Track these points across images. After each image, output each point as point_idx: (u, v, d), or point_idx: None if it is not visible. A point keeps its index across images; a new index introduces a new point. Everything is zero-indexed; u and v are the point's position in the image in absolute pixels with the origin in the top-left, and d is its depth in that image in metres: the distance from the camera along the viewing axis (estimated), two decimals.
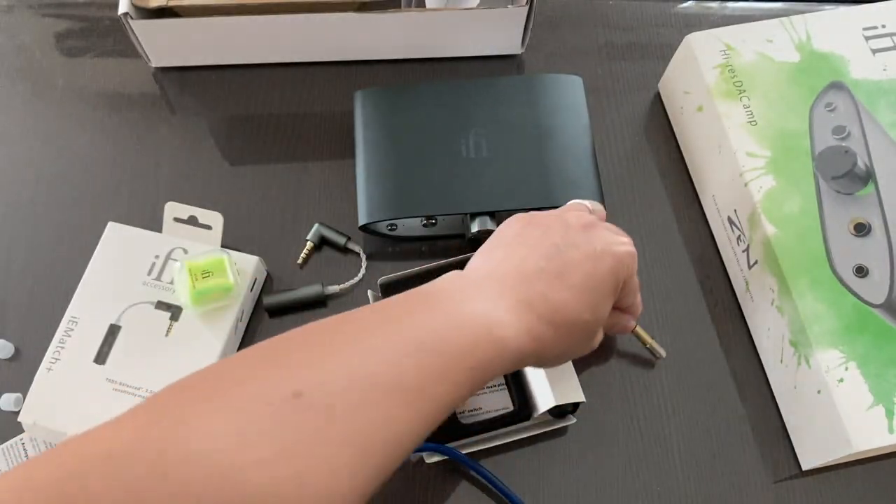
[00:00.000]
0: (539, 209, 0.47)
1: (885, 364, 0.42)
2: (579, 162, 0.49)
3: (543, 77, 0.52)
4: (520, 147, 0.49)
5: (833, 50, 0.51)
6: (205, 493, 0.23)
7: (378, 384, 0.28)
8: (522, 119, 0.50)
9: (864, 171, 0.47)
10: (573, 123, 0.51)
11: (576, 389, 0.44)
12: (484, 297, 0.34)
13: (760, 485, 0.45)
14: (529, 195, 0.48)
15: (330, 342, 0.30)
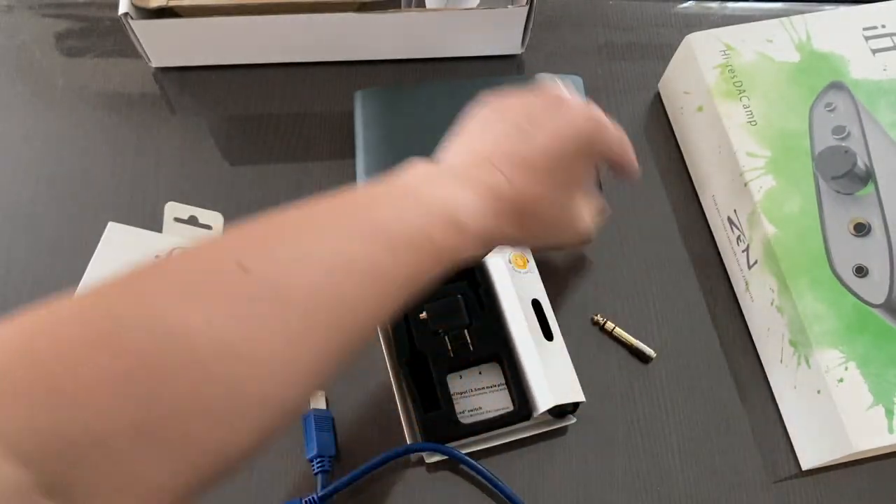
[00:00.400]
0: None
1: (884, 364, 0.42)
2: None
3: (543, 77, 0.52)
4: None
5: (833, 50, 0.51)
6: (155, 354, 0.23)
7: (338, 265, 0.28)
8: None
9: (863, 171, 0.47)
10: None
11: (576, 389, 0.44)
12: (448, 183, 0.33)
13: (760, 485, 0.45)
14: None
15: (288, 225, 0.29)
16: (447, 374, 0.45)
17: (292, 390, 0.27)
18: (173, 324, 0.24)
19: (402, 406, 0.45)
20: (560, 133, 0.36)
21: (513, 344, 0.45)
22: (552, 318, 0.46)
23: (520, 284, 0.46)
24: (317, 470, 0.43)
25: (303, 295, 0.27)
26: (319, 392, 0.46)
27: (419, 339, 0.45)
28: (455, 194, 0.33)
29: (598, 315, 0.49)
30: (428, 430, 0.43)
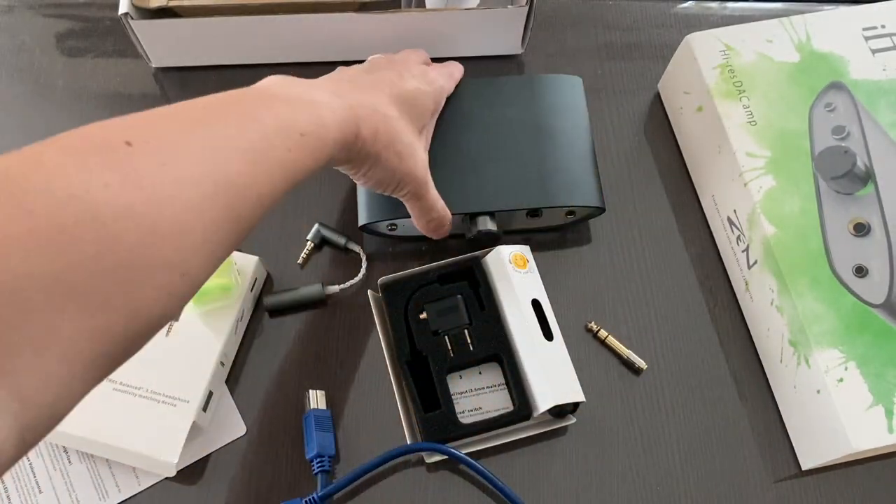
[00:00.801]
0: (539, 210, 0.47)
1: (884, 364, 0.42)
2: (579, 162, 0.49)
3: (543, 77, 0.52)
4: (520, 147, 0.49)
5: (833, 50, 0.51)
6: (57, 214, 0.24)
7: (221, 145, 0.30)
8: (522, 119, 0.50)
9: (863, 172, 0.47)
10: (573, 124, 0.51)
11: (576, 389, 0.44)
12: (306, 85, 0.37)
13: (760, 485, 0.45)
14: (529, 195, 0.48)
15: (168, 113, 0.32)
16: (447, 374, 0.45)
17: (194, 258, 0.28)
18: (73, 187, 0.24)
19: (402, 406, 0.45)
20: (421, 85, 0.44)
21: (513, 344, 0.45)
22: (552, 319, 0.46)
23: (520, 284, 0.46)
24: (317, 470, 0.43)
25: (193, 169, 0.28)
26: (319, 392, 0.46)
27: (419, 340, 0.45)
28: (311, 92, 0.36)
29: (591, 322, 0.49)
30: (428, 430, 0.43)
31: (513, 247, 0.48)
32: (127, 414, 0.43)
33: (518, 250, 0.48)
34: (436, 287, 0.47)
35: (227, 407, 0.46)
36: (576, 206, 0.48)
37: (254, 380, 0.47)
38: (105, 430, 0.43)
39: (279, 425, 0.46)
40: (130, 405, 0.43)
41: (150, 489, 0.44)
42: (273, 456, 0.45)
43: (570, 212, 0.49)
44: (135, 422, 0.43)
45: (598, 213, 0.50)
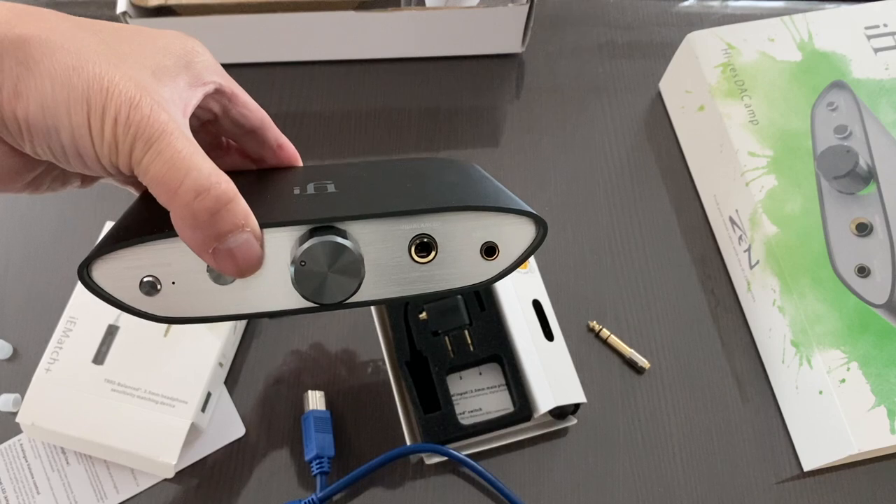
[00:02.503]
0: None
1: (886, 364, 0.42)
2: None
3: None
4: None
5: (835, 49, 0.50)
6: None
7: None
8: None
9: (865, 171, 0.47)
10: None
11: (577, 390, 0.44)
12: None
13: (762, 485, 0.45)
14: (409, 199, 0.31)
15: None
16: (447, 375, 0.45)
17: None
18: None
19: (402, 407, 0.45)
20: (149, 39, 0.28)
21: (513, 344, 0.45)
22: (553, 319, 0.46)
23: (520, 285, 0.46)
24: (316, 471, 0.43)
25: None
26: (319, 393, 0.45)
27: (419, 340, 0.45)
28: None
29: (593, 322, 0.49)
30: (428, 431, 0.43)
31: None
32: (125, 415, 0.43)
33: None
34: None
35: (225, 408, 0.46)
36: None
37: (253, 381, 0.47)
38: (103, 431, 0.42)
39: (278, 426, 0.46)
40: (129, 406, 0.43)
41: (148, 490, 0.44)
42: (272, 457, 0.45)
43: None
44: (133, 423, 0.43)
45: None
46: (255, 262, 0.26)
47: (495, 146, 0.55)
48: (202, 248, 0.25)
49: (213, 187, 0.24)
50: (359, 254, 0.27)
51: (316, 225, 0.27)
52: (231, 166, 0.34)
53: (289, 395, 0.46)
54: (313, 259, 0.26)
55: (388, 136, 0.55)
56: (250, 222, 0.25)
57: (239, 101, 0.30)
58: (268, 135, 0.33)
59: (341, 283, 0.27)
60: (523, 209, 0.29)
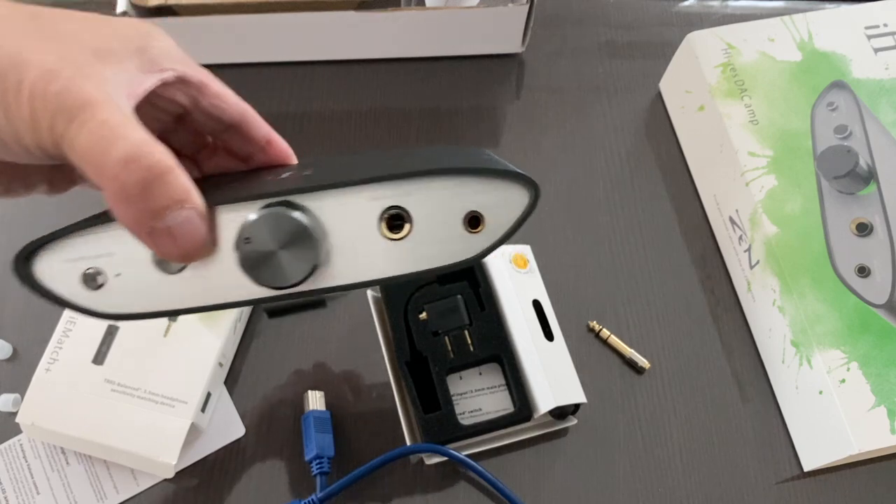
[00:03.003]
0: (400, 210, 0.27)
1: (886, 364, 0.42)
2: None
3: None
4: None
5: (835, 49, 0.50)
6: None
7: None
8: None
9: (865, 171, 0.47)
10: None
11: (577, 390, 0.44)
12: None
13: (762, 486, 0.45)
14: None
15: None
16: (447, 375, 0.45)
17: None
18: None
19: (402, 407, 0.45)
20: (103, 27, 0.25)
21: (513, 344, 0.45)
22: (553, 319, 0.46)
23: (520, 284, 0.46)
24: (316, 471, 0.43)
25: None
26: (318, 393, 0.45)
27: (419, 340, 0.45)
28: None
29: (593, 322, 0.49)
30: (428, 432, 0.43)
31: (513, 246, 0.47)
32: (125, 415, 0.43)
33: (518, 250, 0.47)
34: (435, 287, 0.46)
35: (225, 408, 0.46)
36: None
37: (253, 381, 0.47)
38: (103, 431, 0.42)
39: (278, 426, 0.46)
40: (128, 406, 0.43)
41: (148, 490, 0.44)
42: (272, 457, 0.45)
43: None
44: (133, 423, 0.43)
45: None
46: (200, 244, 0.23)
47: (495, 146, 0.55)
48: (138, 226, 0.22)
49: (145, 156, 0.22)
50: (312, 226, 0.23)
51: (269, 200, 0.24)
52: (218, 167, 0.32)
53: (289, 395, 0.46)
54: (258, 235, 0.23)
55: (388, 136, 0.55)
56: (192, 198, 0.23)
57: (210, 91, 0.28)
58: (253, 130, 0.30)
59: (295, 262, 0.24)
60: (510, 170, 0.25)
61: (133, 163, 0.21)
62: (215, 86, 0.28)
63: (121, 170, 0.21)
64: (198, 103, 0.28)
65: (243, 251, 0.24)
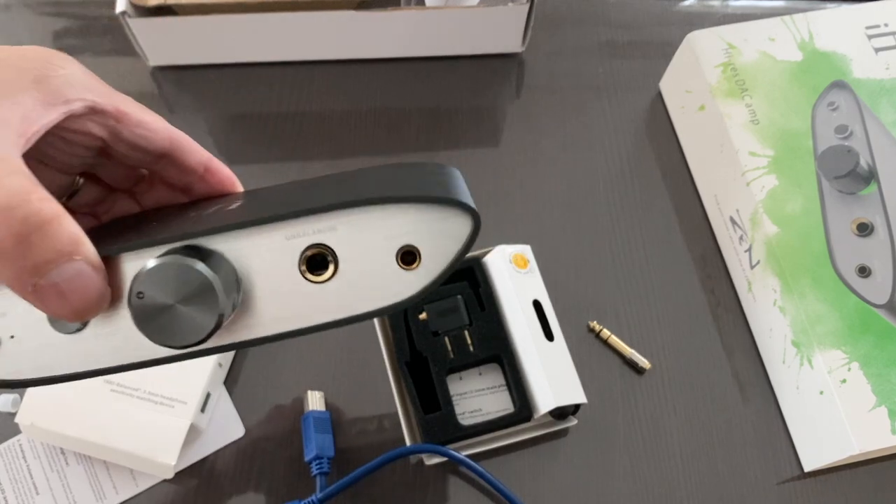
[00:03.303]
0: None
1: (887, 364, 0.42)
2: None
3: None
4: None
5: (835, 49, 0.50)
6: None
7: None
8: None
9: (866, 171, 0.46)
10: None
11: (577, 390, 0.44)
12: None
13: (762, 486, 0.45)
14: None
15: None
16: (447, 376, 0.45)
17: None
18: None
19: (402, 407, 0.45)
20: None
21: (513, 345, 0.45)
22: (553, 319, 0.46)
23: (520, 284, 0.46)
24: (315, 472, 0.43)
25: None
26: (318, 393, 0.45)
27: (419, 340, 0.45)
28: None
29: (594, 322, 0.49)
30: (428, 432, 0.43)
31: (513, 246, 0.47)
32: (124, 415, 0.43)
33: (518, 250, 0.47)
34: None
35: (225, 408, 0.46)
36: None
37: (252, 381, 0.47)
38: (102, 432, 0.42)
39: (278, 427, 0.46)
40: (128, 406, 0.43)
41: (147, 491, 0.44)
42: (272, 458, 0.45)
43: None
44: (132, 423, 0.42)
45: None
46: (94, 300, 0.21)
47: (495, 146, 0.55)
48: (19, 286, 0.20)
49: (20, 206, 0.19)
50: (211, 276, 0.20)
51: (170, 246, 0.21)
52: (158, 200, 0.29)
53: (288, 395, 0.46)
54: (153, 288, 0.20)
55: (388, 136, 0.55)
56: (82, 249, 0.20)
57: (130, 120, 0.26)
58: (187, 158, 0.27)
59: (194, 318, 0.21)
60: (444, 196, 0.21)
61: (5, 213, 0.19)
62: (136, 113, 0.26)
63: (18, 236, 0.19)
64: (117, 134, 0.25)
65: (136, 306, 0.21)
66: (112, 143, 0.26)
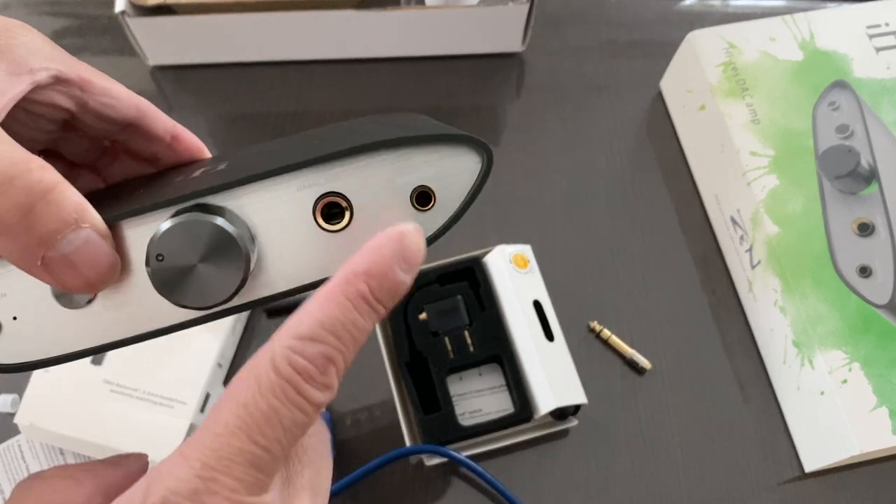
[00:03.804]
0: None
1: (888, 365, 0.42)
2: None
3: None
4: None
5: (836, 48, 0.50)
6: None
7: None
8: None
9: (867, 171, 0.46)
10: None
11: (577, 391, 0.44)
12: None
13: (763, 487, 0.45)
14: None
15: None
16: (447, 376, 0.44)
17: None
18: None
19: (402, 408, 0.44)
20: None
21: (513, 345, 0.45)
22: (553, 319, 0.46)
23: (520, 285, 0.46)
24: None
25: None
26: None
27: (419, 341, 0.45)
28: None
29: (594, 322, 0.48)
30: (428, 432, 0.43)
31: (513, 246, 0.47)
32: (124, 416, 0.42)
33: (519, 250, 0.47)
34: (435, 287, 0.46)
35: None
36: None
37: None
38: (102, 432, 0.42)
39: None
40: (127, 407, 0.43)
41: None
42: None
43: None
44: (132, 423, 0.42)
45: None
46: (106, 269, 0.20)
47: (495, 146, 0.55)
48: (27, 261, 0.19)
49: (21, 175, 0.18)
50: (235, 230, 0.20)
51: (180, 206, 0.20)
52: (123, 173, 0.28)
53: None
54: (172, 250, 0.20)
55: None
56: (87, 217, 0.19)
57: (95, 89, 0.24)
58: (153, 125, 0.26)
59: (220, 276, 0.20)
60: (454, 133, 0.21)
61: (5, 185, 0.18)
62: (100, 81, 0.24)
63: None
64: (83, 104, 0.24)
65: (156, 270, 0.20)
66: (78, 114, 0.25)
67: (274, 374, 0.19)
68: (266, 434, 0.18)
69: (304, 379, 0.19)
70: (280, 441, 0.19)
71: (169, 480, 0.18)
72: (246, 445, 0.18)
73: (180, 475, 0.18)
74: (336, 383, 0.20)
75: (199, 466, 0.18)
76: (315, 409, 0.19)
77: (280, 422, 0.18)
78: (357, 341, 0.20)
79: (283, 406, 0.18)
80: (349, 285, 0.20)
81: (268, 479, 0.19)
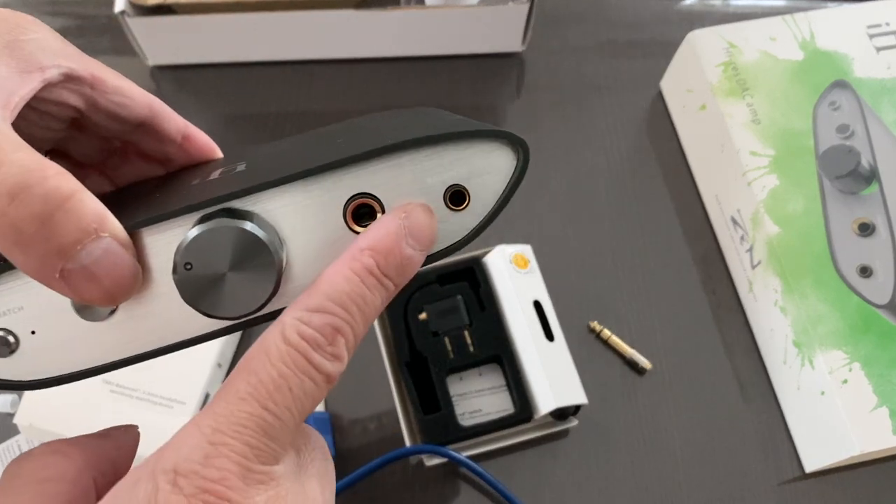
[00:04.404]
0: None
1: (889, 365, 0.42)
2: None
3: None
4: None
5: (837, 48, 0.50)
6: None
7: None
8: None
9: (867, 170, 0.46)
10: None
11: (577, 391, 0.44)
12: None
13: (763, 487, 0.45)
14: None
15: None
16: (447, 376, 0.44)
17: None
18: None
19: (402, 408, 0.44)
20: None
21: (513, 345, 0.45)
22: (553, 319, 0.46)
23: (520, 285, 0.46)
24: None
25: None
26: None
27: (419, 341, 0.45)
28: None
29: (594, 322, 0.48)
30: (428, 433, 0.43)
31: (514, 246, 0.47)
32: (123, 416, 0.42)
33: (519, 250, 0.47)
34: (435, 287, 0.46)
35: None
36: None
37: None
38: None
39: None
40: (127, 407, 0.43)
41: None
42: None
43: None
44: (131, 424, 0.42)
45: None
46: (129, 279, 0.19)
47: None
48: (45, 273, 0.18)
49: (38, 183, 0.17)
50: (266, 236, 0.19)
51: (205, 211, 0.19)
52: (133, 175, 0.27)
53: None
54: (201, 258, 0.19)
55: None
56: (108, 225, 0.18)
57: (107, 87, 0.24)
58: (165, 125, 0.26)
59: (251, 284, 0.19)
60: (488, 129, 0.20)
61: (22, 193, 0.17)
62: (112, 79, 0.24)
63: (7, 206, 0.17)
64: (94, 102, 0.24)
65: (184, 279, 0.19)
66: (88, 113, 0.24)
67: (283, 343, 0.19)
68: (277, 401, 0.18)
69: (313, 347, 0.19)
70: (290, 409, 0.18)
71: (182, 448, 0.18)
72: (256, 411, 0.18)
73: (191, 442, 0.18)
74: (345, 355, 0.20)
75: (209, 432, 0.18)
76: (325, 378, 0.19)
77: (290, 389, 0.18)
78: (366, 315, 0.20)
79: (292, 374, 0.18)
80: (354, 260, 0.20)
81: (279, 449, 0.18)
